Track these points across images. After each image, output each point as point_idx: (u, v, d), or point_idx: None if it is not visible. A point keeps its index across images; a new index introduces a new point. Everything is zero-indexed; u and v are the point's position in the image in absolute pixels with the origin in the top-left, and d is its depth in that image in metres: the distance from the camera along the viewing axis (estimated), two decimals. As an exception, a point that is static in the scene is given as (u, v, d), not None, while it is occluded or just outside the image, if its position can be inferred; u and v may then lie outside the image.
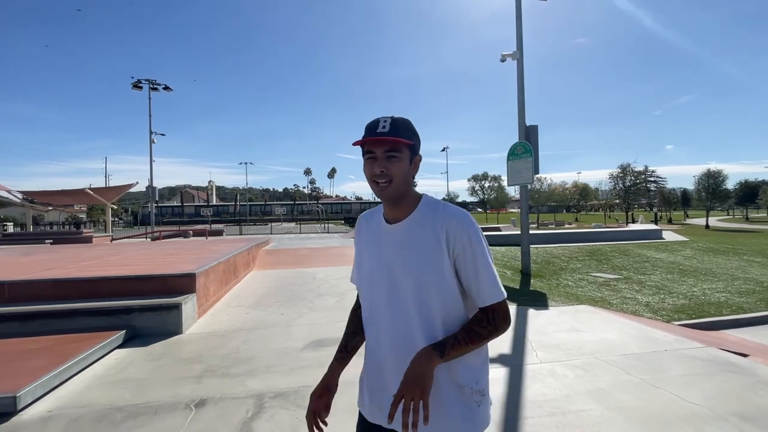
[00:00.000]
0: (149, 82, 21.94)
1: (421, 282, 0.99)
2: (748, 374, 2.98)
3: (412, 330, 1.01)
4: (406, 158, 1.00)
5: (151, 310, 4.16)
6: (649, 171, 50.89)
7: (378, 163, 0.99)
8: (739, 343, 4.24)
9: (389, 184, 0.99)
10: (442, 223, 1.00)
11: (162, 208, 60.73)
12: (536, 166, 8.08)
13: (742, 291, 7.36)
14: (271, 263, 9.05)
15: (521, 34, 8.61)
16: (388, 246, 1.05)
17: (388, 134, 0.97)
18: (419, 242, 1.01)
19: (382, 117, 1.01)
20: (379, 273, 1.06)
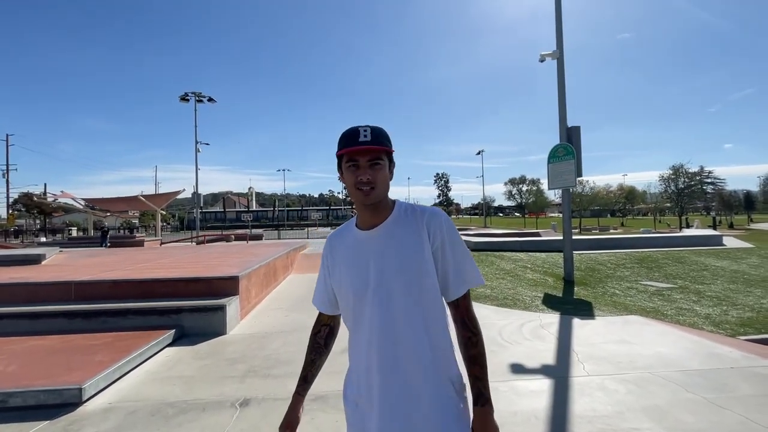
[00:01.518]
0: (195, 95, 23.28)
1: (410, 279, 1.01)
2: (833, 398, 2.65)
3: (400, 334, 1.01)
4: (386, 165, 1.05)
5: (198, 311, 4.38)
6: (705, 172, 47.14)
7: (362, 171, 1.02)
8: (820, 363, 3.79)
9: (372, 190, 1.02)
10: (421, 220, 1.06)
11: (206, 214, 64.05)
12: (579, 168, 7.73)
13: (821, 304, 6.60)
14: (309, 267, 9.25)
15: (561, 32, 8.30)
16: (369, 252, 1.06)
17: (371, 143, 1.00)
18: (402, 241, 1.04)
19: (360, 126, 1.04)
20: (363, 282, 1.04)
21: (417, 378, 0.99)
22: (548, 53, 8.41)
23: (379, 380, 1.00)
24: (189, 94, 23.21)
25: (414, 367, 1.00)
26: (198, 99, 23.34)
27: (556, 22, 8.37)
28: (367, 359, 1.03)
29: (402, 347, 1.00)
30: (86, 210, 29.09)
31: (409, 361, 1.00)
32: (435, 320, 1.03)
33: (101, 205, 30.33)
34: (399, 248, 1.03)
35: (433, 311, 1.03)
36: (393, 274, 1.02)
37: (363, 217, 1.10)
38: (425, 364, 1.00)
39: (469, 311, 1.06)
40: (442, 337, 1.04)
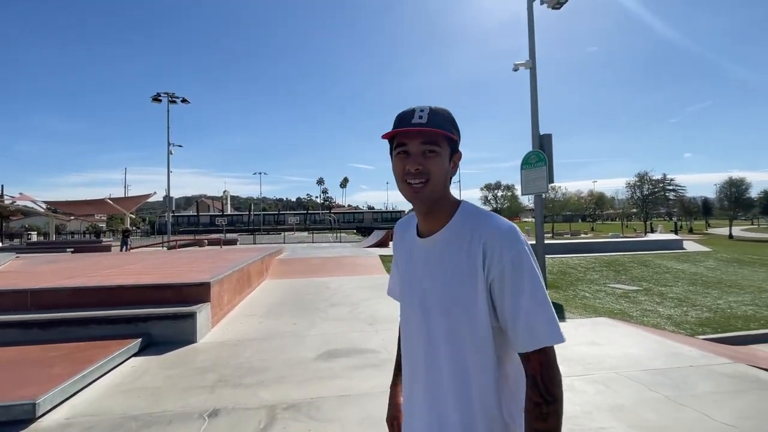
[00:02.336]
0: (168, 96, 22.60)
1: (450, 313, 0.83)
2: (781, 393, 2.83)
3: (442, 372, 0.85)
4: (445, 154, 0.84)
5: (167, 319, 4.21)
6: (667, 179, 49.71)
7: (412, 159, 0.83)
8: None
9: (424, 185, 0.83)
10: (480, 239, 0.81)
11: (178, 218, 61.93)
12: (551, 175, 7.97)
13: (771, 304, 7.05)
14: (284, 272, 9.10)
15: (534, 43, 8.59)
16: (419, 266, 0.90)
17: (426, 125, 0.81)
18: (451, 263, 0.83)
19: (418, 106, 0.85)
20: (411, 297, 0.93)
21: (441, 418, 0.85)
22: (522, 63, 8.67)
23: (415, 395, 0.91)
24: (161, 95, 22.52)
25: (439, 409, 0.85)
26: (171, 100, 22.68)
27: (528, 33, 8.66)
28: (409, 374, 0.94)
29: (441, 398, 0.85)
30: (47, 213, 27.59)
31: (436, 402, 0.86)
32: (476, 371, 0.82)
33: (65, 208, 28.83)
34: (446, 273, 0.84)
35: (475, 358, 0.82)
36: (434, 304, 0.86)
37: (419, 218, 0.92)
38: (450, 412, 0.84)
39: (545, 369, 0.77)
40: (483, 393, 0.82)
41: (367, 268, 9.77)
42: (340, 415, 2.58)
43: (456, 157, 0.88)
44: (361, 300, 6.14)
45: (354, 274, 8.89)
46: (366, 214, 73.57)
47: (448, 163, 0.86)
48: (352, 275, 8.77)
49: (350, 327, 4.67)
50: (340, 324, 4.82)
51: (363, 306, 5.74)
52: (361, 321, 4.93)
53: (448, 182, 0.88)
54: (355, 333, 4.42)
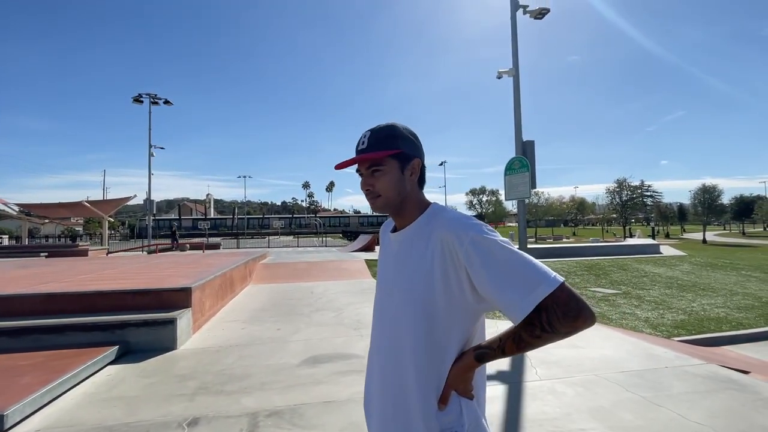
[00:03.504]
0: (150, 96, 22.14)
1: (414, 309, 0.88)
2: (750, 392, 2.94)
3: (401, 361, 0.91)
4: (392, 169, 0.93)
5: (146, 325, 4.10)
6: (645, 185, 51.26)
7: (363, 180, 0.97)
8: (740, 360, 4.20)
9: (376, 199, 0.96)
10: (435, 238, 0.87)
11: (159, 222, 60.54)
12: (533, 180, 8.13)
13: (741, 306, 7.33)
14: (269, 277, 8.98)
15: (517, 51, 8.78)
16: (391, 258, 1.00)
17: (366, 150, 0.93)
18: (414, 254, 0.91)
19: (366, 130, 0.96)
20: (382, 285, 1.01)
21: (394, 406, 0.91)
22: (505, 71, 8.85)
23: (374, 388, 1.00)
24: (143, 95, 22.04)
25: (394, 395, 0.91)
26: (153, 101, 22.21)
27: (512, 42, 8.85)
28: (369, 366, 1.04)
29: (387, 369, 0.94)
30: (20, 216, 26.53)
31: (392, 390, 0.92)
32: (429, 355, 0.87)
33: (39, 211, 27.78)
34: (405, 261, 0.93)
35: (429, 343, 0.87)
36: (400, 296, 0.92)
37: (394, 218, 1.03)
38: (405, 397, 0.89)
39: (551, 310, 0.76)
40: (433, 379, 0.87)
41: (352, 272, 9.74)
42: (324, 421, 2.56)
43: (414, 164, 0.96)
44: (346, 305, 6.11)
45: (339, 279, 8.85)
46: (352, 218, 73.47)
47: (401, 172, 0.95)
48: (337, 280, 8.73)
49: (335, 332, 4.64)
50: (324, 329, 4.78)
51: (348, 311, 5.72)
52: (345, 326, 4.90)
53: (403, 190, 0.95)
54: (340, 338, 4.40)
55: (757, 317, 6.60)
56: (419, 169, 0.97)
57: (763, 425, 2.45)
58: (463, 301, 0.86)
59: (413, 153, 0.96)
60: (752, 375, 3.32)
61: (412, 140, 0.97)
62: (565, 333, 0.77)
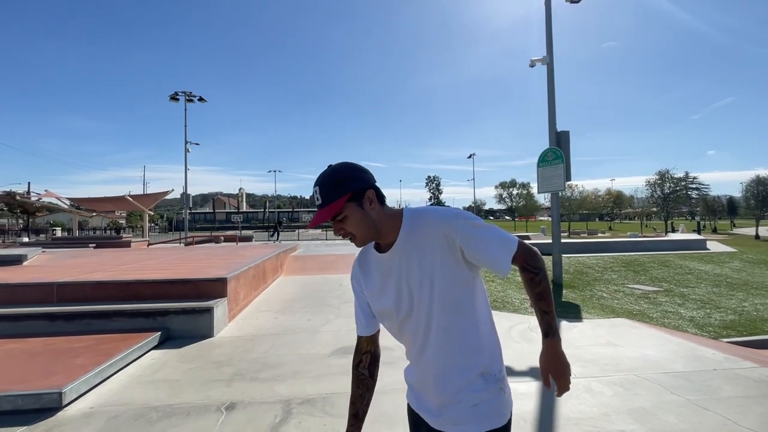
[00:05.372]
0: (185, 94, 23.02)
1: (437, 293, 1.01)
2: (811, 399, 2.72)
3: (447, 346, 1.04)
4: (352, 210, 1.00)
5: (185, 313, 4.31)
6: (690, 177, 48.19)
7: (335, 228, 1.03)
8: (799, 364, 3.88)
9: (355, 239, 1.03)
10: (437, 230, 1.01)
11: (195, 215, 63.25)
12: (568, 172, 7.83)
13: (800, 307, 6.78)
14: (299, 269, 9.19)
15: (551, 38, 8.43)
16: (391, 273, 1.05)
17: (322, 206, 1.00)
18: (420, 256, 1.01)
19: (315, 184, 1.02)
20: (398, 305, 1.05)
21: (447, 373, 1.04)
22: (538, 59, 8.52)
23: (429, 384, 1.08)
24: (179, 94, 22.94)
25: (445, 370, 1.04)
26: (188, 98, 23.08)
27: (546, 28, 8.49)
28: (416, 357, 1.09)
29: (435, 357, 1.04)
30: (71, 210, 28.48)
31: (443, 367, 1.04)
32: (467, 324, 1.04)
33: (87, 204, 29.73)
34: (419, 263, 1.02)
35: (465, 317, 1.04)
36: (419, 294, 1.02)
37: (376, 242, 1.11)
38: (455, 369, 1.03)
39: (526, 257, 1.03)
40: (473, 338, 1.04)
41: (380, 265, 9.78)
42: (354, 410, 2.60)
43: (368, 195, 1.01)
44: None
45: (367, 272, 8.91)
46: (379, 212, 73.54)
47: (361, 209, 1.00)
48: (365, 273, 8.79)
49: (364, 324, 4.69)
50: (353, 321, 4.82)
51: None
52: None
53: (371, 220, 1.02)
54: (369, 330, 4.44)
55: (819, 319, 6.09)
56: (374, 195, 1.02)
57: (826, 435, 2.26)
58: (466, 274, 1.03)
59: (362, 186, 1.01)
60: (813, 381, 3.06)
61: (356, 175, 1.01)
62: (542, 266, 1.05)
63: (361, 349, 1.17)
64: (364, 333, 1.16)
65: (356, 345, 1.19)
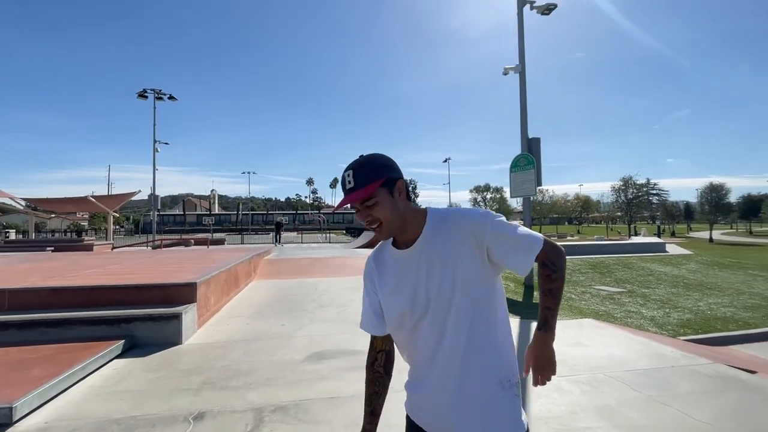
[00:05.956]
0: (154, 92, 22.19)
1: (458, 295, 0.99)
2: (757, 392, 2.91)
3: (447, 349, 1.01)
4: (384, 197, 0.99)
5: (151, 320, 4.13)
6: (651, 184, 50.84)
7: (361, 214, 1.01)
8: (747, 360, 4.16)
9: (380, 227, 1.01)
10: (464, 229, 1.00)
11: (164, 217, 60.85)
12: (539, 178, 8.08)
13: (749, 306, 7.27)
14: (273, 273, 9.01)
15: (523, 47, 8.70)
16: (409, 272, 1.03)
17: (355, 189, 0.98)
18: (443, 256, 1.00)
19: (346, 169, 1.01)
20: (410, 305, 1.02)
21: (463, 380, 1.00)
22: (511, 67, 8.77)
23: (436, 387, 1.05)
24: (148, 91, 22.09)
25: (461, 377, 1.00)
26: (157, 96, 22.26)
27: (518, 38, 8.76)
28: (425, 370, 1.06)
29: (452, 362, 1.00)
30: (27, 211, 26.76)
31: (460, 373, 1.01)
32: (486, 329, 1.01)
33: (45, 205, 28.03)
34: (441, 262, 1.00)
35: (484, 320, 1.01)
36: (439, 294, 0.99)
37: (395, 238, 1.08)
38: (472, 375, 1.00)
39: (549, 254, 1.02)
40: (491, 343, 1.02)
41: (356, 269, 9.74)
42: (329, 416, 2.56)
43: (399, 185, 1.02)
44: (349, 301, 6.12)
45: (343, 275, 8.85)
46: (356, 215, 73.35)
47: (392, 197, 1.01)
48: (341, 276, 8.73)
49: (339, 328, 4.65)
50: (328, 325, 4.79)
51: (352, 307, 5.72)
52: (349, 322, 4.91)
53: (399, 211, 1.02)
54: (344, 334, 4.40)
55: (764, 317, 6.55)
56: (404, 187, 1.04)
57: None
58: (488, 272, 1.02)
59: (395, 175, 1.03)
60: (760, 375, 3.29)
61: (390, 164, 1.03)
62: (563, 266, 1.04)
63: (376, 348, 1.15)
64: (377, 333, 1.13)
65: (370, 343, 1.17)
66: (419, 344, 1.04)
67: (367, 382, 1.15)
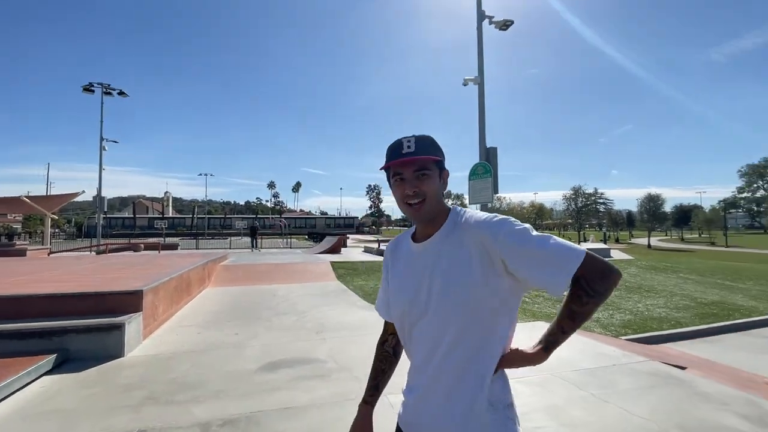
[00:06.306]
0: (102, 86, 20.74)
1: (454, 303, 0.93)
2: (686, 386, 3.16)
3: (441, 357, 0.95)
4: (435, 175, 0.99)
5: (89, 331, 3.81)
6: (598, 193, 54.46)
7: (408, 183, 0.97)
8: (679, 357, 4.52)
9: (422, 204, 0.97)
10: (475, 235, 0.94)
11: (111, 220, 56.85)
12: (496, 186, 8.39)
13: (680, 306, 7.92)
14: (229, 280, 8.65)
15: (482, 61, 9.05)
16: (418, 268, 1.00)
17: (415, 153, 0.96)
18: (451, 259, 0.95)
19: (405, 137, 0.99)
20: (410, 302, 1.00)
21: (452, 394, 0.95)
22: (471, 78, 9.08)
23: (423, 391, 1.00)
24: (95, 85, 20.61)
25: (452, 387, 0.95)
26: (106, 91, 20.81)
27: (478, 52, 9.10)
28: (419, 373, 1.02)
29: (441, 370, 0.95)
30: (-54, 212, 23.90)
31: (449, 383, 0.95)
32: (480, 344, 0.94)
33: (-31, 206, 25.16)
34: (446, 268, 0.95)
35: (479, 335, 0.93)
36: (437, 296, 0.95)
37: (417, 227, 1.06)
38: (464, 385, 0.94)
39: (589, 274, 0.86)
40: (488, 362, 0.94)
41: (317, 275, 9.59)
42: (282, 427, 2.47)
43: (444, 175, 1.03)
44: (309, 308, 5.99)
45: (304, 281, 8.68)
46: (318, 220, 72.49)
47: (439, 181, 1.00)
48: (301, 282, 8.55)
49: (296, 336, 4.53)
50: (285, 333, 4.66)
51: (311, 314, 5.61)
52: (308, 329, 4.81)
53: (440, 196, 1.01)
54: (301, 342, 4.30)
55: (693, 316, 7.16)
56: (447, 179, 1.05)
57: (697, 417, 2.65)
58: (503, 288, 0.93)
59: (445, 164, 1.04)
60: (689, 370, 3.58)
61: (443, 153, 1.03)
62: (604, 292, 0.87)
63: (388, 330, 1.17)
64: (386, 318, 1.16)
65: (384, 326, 1.19)
66: (415, 346, 1.01)
67: (376, 359, 1.18)
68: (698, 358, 4.71)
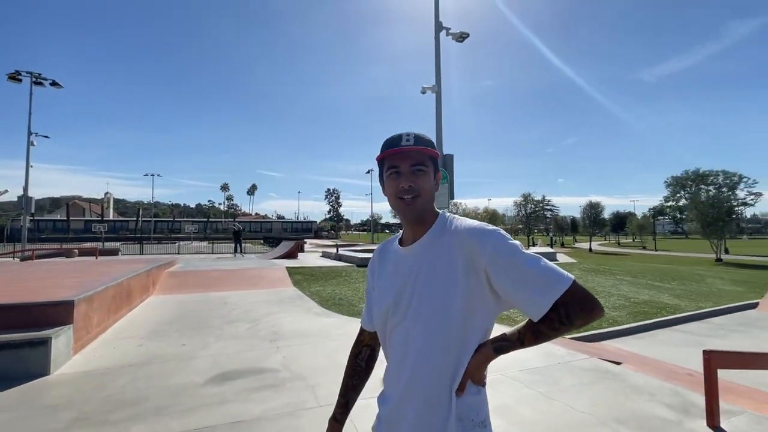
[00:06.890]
0: (32, 75, 18.83)
1: (433, 311, 0.90)
2: (621, 380, 3.42)
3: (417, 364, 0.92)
4: (431, 172, 0.98)
5: (8, 348, 3.40)
6: (546, 200, 57.91)
7: (404, 177, 0.95)
8: (615, 353, 4.89)
9: (415, 200, 0.95)
10: (461, 243, 0.91)
11: (40, 222, 51.53)
12: (452, 191, 8.63)
13: (617, 306, 8.58)
14: (176, 287, 8.14)
15: (440, 70, 9.32)
16: (402, 272, 0.98)
17: (414, 146, 0.95)
18: (434, 265, 0.93)
19: (404, 132, 0.97)
20: (392, 306, 0.97)
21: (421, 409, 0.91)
22: (429, 86, 9.31)
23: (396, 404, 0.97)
24: (22, 73, 18.66)
25: (422, 399, 0.91)
26: (36, 81, 18.91)
27: (435, 61, 9.36)
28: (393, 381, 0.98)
29: (416, 378, 0.92)
30: None
31: (421, 395, 0.92)
32: (454, 356, 0.90)
33: None
34: (429, 274, 0.92)
35: (455, 346, 0.90)
36: (417, 305, 0.92)
37: (405, 230, 1.03)
38: (434, 398, 0.90)
39: (568, 303, 0.84)
40: (456, 375, 0.91)
41: (272, 281, 9.29)
42: (230, 444, 2.35)
43: (438, 175, 1.01)
44: (263, 315, 5.78)
45: (257, 288, 8.37)
46: (275, 224, 70.49)
47: (433, 178, 0.99)
48: (254, 289, 8.25)
49: (248, 345, 4.35)
50: (236, 342, 4.45)
51: (265, 322, 5.42)
52: (260, 338, 4.63)
53: (433, 194, 0.99)
54: (253, 351, 4.13)
55: (627, 315, 7.79)
56: (438, 183, 1.03)
57: (631, 409, 2.86)
58: (482, 303, 0.91)
59: (438, 165, 1.02)
60: (624, 365, 3.88)
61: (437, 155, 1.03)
62: (579, 325, 0.86)
63: (363, 341, 1.14)
64: (368, 328, 1.12)
65: (357, 335, 1.16)
66: (391, 351, 0.99)
67: (347, 374, 1.13)
68: (631, 353, 5.11)
